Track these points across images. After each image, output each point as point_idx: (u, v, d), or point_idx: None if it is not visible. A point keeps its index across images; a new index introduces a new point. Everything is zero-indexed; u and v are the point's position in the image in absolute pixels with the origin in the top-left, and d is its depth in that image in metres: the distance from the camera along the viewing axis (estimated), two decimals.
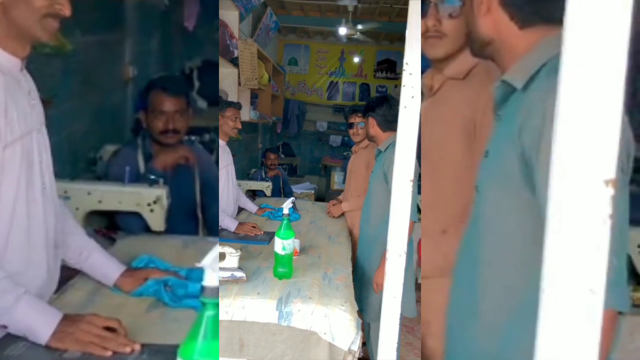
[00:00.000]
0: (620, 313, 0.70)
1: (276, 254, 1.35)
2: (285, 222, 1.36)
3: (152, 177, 1.50)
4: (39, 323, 0.79)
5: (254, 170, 3.91)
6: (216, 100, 2.13)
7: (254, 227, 1.89)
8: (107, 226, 1.53)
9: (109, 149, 1.71)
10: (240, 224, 1.88)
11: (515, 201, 0.75)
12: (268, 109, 4.21)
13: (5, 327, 0.79)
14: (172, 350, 0.57)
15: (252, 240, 1.79)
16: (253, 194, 3.09)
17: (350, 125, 2.28)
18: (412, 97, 0.94)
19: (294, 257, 1.40)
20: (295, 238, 1.40)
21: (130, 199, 1.44)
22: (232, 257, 1.31)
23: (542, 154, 0.69)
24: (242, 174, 3.82)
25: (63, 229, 1.03)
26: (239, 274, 1.31)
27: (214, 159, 1.91)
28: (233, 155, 3.23)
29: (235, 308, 1.18)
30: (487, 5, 0.81)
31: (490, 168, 0.82)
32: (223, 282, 1.28)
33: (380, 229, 1.81)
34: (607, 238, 0.37)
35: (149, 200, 1.44)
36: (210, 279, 0.56)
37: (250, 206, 2.30)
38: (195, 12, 2.21)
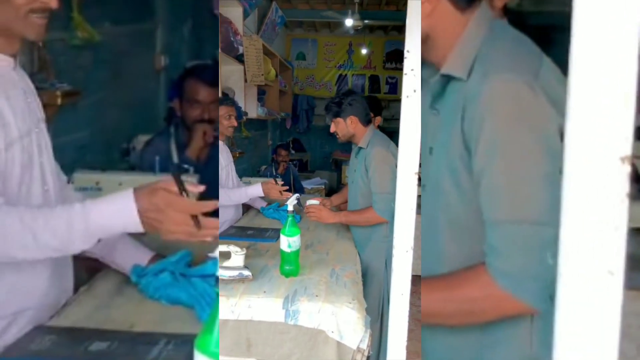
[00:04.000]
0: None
1: (282, 252, 1.33)
2: (290, 219, 1.34)
3: (184, 165, 1.49)
4: (121, 223, 0.76)
5: (264, 167, 3.90)
6: None
7: (281, 192, 1.92)
8: None
9: (142, 138, 1.71)
10: (263, 183, 1.91)
11: (459, 190, 0.76)
12: (276, 105, 4.19)
13: (99, 240, 0.78)
14: None
15: (259, 237, 1.77)
16: None
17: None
18: (414, 90, 0.90)
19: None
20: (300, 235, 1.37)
21: None
22: (238, 255, 1.29)
23: (483, 139, 0.69)
24: (252, 171, 3.82)
25: None
26: (246, 272, 1.29)
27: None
28: (242, 153, 3.24)
29: (241, 307, 1.16)
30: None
31: (436, 164, 0.81)
32: (229, 281, 1.26)
33: (374, 226, 1.76)
34: (626, 217, 0.35)
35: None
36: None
37: (259, 202, 2.28)
38: None
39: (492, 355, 0.78)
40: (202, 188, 0.82)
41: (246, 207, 2.29)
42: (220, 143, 1.99)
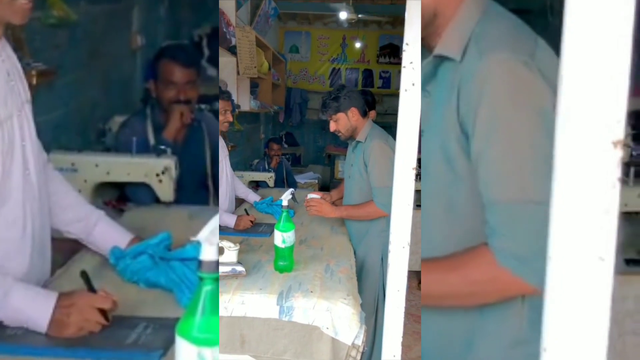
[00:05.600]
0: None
1: (276, 247, 1.32)
2: (284, 214, 1.32)
3: (161, 147, 1.47)
4: (34, 313, 0.77)
5: (256, 161, 3.86)
6: None
7: (252, 221, 1.84)
8: (118, 198, 1.51)
9: (118, 119, 1.67)
10: (238, 217, 1.83)
11: (453, 172, 0.74)
12: (269, 98, 4.15)
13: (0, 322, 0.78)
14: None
15: (252, 232, 1.75)
16: (256, 185, 3.05)
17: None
18: (413, 83, 0.89)
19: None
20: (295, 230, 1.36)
21: (139, 170, 1.41)
22: (231, 251, 1.27)
23: (480, 119, 0.67)
24: (244, 165, 3.79)
25: (60, 205, 1.01)
26: (239, 268, 1.28)
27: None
28: (234, 147, 3.20)
29: (234, 304, 1.15)
30: None
31: (427, 147, 0.79)
32: (222, 277, 1.24)
33: (372, 220, 1.76)
34: (617, 202, 0.34)
35: (157, 171, 1.41)
36: (208, 253, 0.54)
37: (252, 196, 2.26)
38: None
39: (482, 337, 0.77)
40: (115, 298, 0.84)
41: (239, 202, 2.27)
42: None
